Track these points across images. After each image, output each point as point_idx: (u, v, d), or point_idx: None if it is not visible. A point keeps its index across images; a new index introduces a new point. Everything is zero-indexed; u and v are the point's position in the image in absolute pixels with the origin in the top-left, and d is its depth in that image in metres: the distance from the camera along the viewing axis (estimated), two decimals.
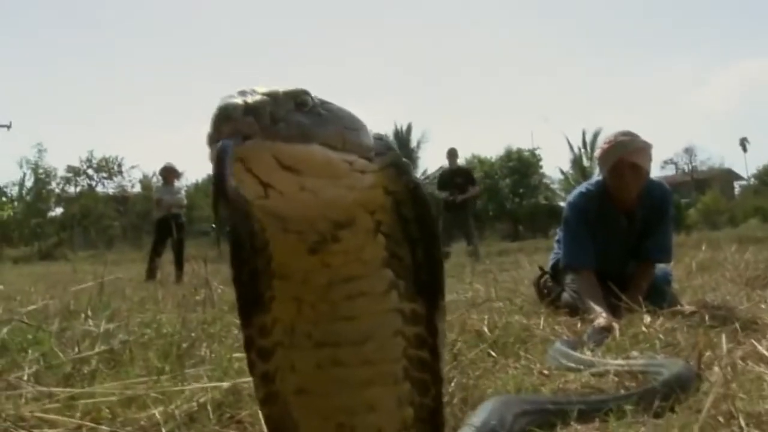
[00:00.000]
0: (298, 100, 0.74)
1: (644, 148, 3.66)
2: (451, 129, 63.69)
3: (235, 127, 0.69)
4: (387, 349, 0.86)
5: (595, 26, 68.62)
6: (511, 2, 69.23)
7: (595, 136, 37.57)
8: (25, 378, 2.19)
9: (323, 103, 0.78)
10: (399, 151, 0.87)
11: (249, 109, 0.69)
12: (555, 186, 39.59)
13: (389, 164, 0.83)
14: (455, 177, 12.13)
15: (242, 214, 0.84)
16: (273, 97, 0.72)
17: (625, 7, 69.24)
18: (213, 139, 0.70)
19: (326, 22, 72.07)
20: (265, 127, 0.69)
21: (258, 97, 0.71)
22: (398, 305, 0.86)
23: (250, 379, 1.97)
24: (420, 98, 64.96)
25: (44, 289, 6.75)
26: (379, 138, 0.84)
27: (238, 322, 2.61)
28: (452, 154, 12.74)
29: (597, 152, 3.96)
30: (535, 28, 68.92)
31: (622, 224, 3.82)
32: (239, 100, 0.70)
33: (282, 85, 0.75)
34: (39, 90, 59.95)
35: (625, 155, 3.62)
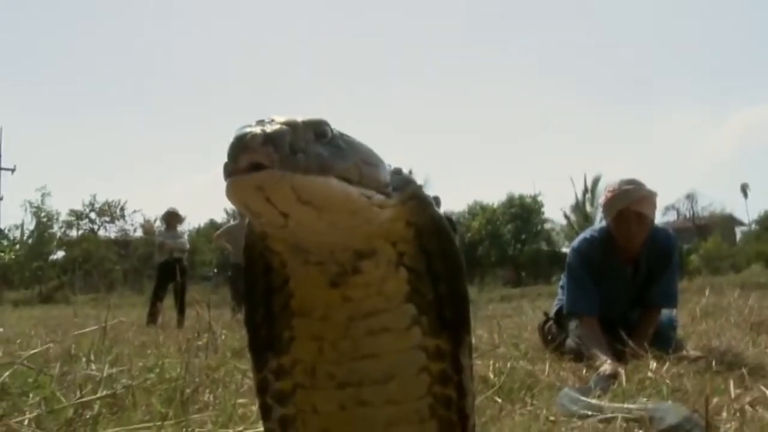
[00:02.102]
0: (318, 130, 0.73)
1: (649, 197, 3.67)
2: (453, 175, 63.89)
3: (253, 157, 0.67)
4: (412, 387, 0.83)
5: (598, 74, 69.27)
6: (515, 49, 69.89)
7: (596, 181, 37.82)
8: (26, 423, 2.17)
9: (342, 135, 0.76)
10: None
11: (268, 139, 0.68)
12: (557, 231, 39.58)
13: (409, 197, 0.81)
14: None
15: (261, 250, 0.83)
16: (292, 127, 0.70)
17: (627, 56, 69.97)
18: (230, 169, 0.68)
19: (328, 68, 72.70)
20: (284, 158, 0.67)
21: (277, 127, 0.69)
22: (422, 341, 0.84)
23: (255, 427, 1.97)
24: (421, 144, 65.40)
25: (45, 333, 6.71)
26: (398, 173, 0.83)
27: (242, 367, 2.60)
28: (434, 201, 13.07)
29: (601, 200, 3.97)
30: (539, 76, 69.59)
31: (627, 271, 3.82)
32: (258, 129, 0.68)
33: (301, 115, 0.73)
34: (44, 134, 60.46)
35: (629, 204, 3.62)
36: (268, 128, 0.69)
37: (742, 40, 67.65)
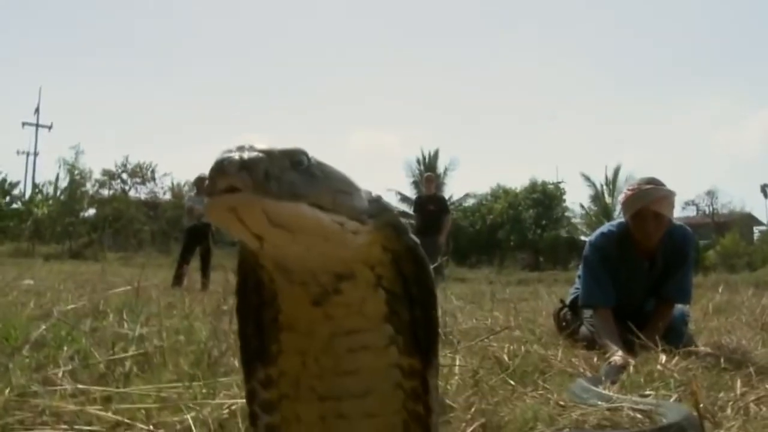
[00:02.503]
0: (294, 159, 0.76)
1: (667, 197, 3.72)
2: (479, 158, 63.64)
3: (229, 181, 0.71)
4: (387, 403, 0.88)
5: (623, 64, 68.41)
6: (541, 38, 69.14)
7: (616, 172, 37.71)
8: (60, 375, 2.28)
9: (320, 164, 0.80)
10: (394, 211, 0.88)
11: (243, 165, 0.72)
12: (577, 220, 39.52)
13: (385, 225, 0.85)
14: (429, 203, 12.46)
15: (252, 265, 0.87)
16: (269, 155, 0.74)
17: (654, 48, 69.03)
18: (209, 190, 0.73)
19: (359, 52, 72.35)
20: (257, 183, 0.71)
21: (254, 154, 0.73)
22: (398, 360, 0.88)
23: None
24: (448, 126, 65.14)
25: (74, 288, 6.87)
26: (376, 200, 0.85)
27: None
28: (429, 179, 13.42)
29: (620, 197, 4.02)
30: (565, 65, 68.86)
31: (643, 266, 3.88)
32: (236, 156, 0.73)
33: (280, 144, 0.77)
34: (81, 94, 60.87)
35: (648, 204, 3.68)
36: (246, 155, 0.73)
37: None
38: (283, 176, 0.74)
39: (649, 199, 3.67)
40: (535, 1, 73.44)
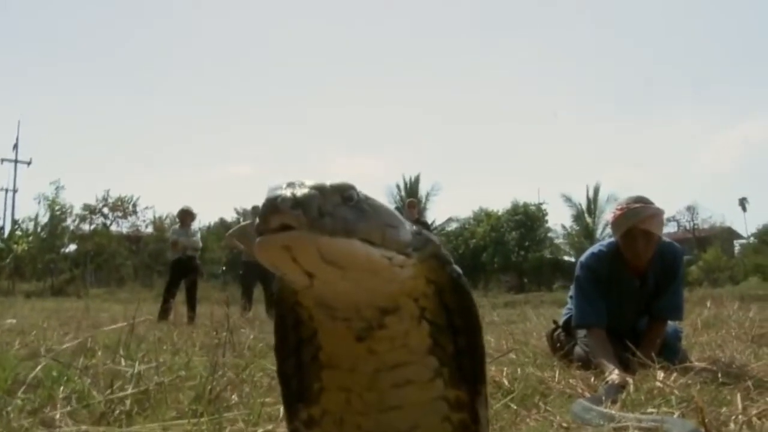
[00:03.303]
0: (345, 194, 0.77)
1: (656, 215, 3.75)
2: (460, 182, 63.89)
3: (283, 219, 0.71)
4: None
5: (600, 85, 69.20)
6: (520, 58, 69.74)
7: (596, 192, 37.97)
8: (58, 416, 2.25)
9: (367, 199, 0.80)
10: (438, 243, 0.88)
11: (297, 203, 0.72)
12: (560, 241, 39.71)
13: (429, 257, 0.84)
14: None
15: (291, 304, 0.87)
16: (321, 191, 0.74)
17: (631, 66, 69.90)
18: (261, 229, 0.73)
19: (337, 74, 72.69)
20: (311, 220, 0.71)
21: (306, 191, 0.73)
22: (443, 392, 0.87)
23: (283, 426, 2.06)
24: (429, 151, 65.45)
25: (58, 325, 6.80)
26: (418, 233, 0.85)
27: (268, 367, 2.69)
28: (411, 205, 13.40)
29: (609, 217, 4.05)
30: (543, 86, 69.50)
31: (634, 284, 3.91)
32: (288, 193, 0.73)
33: (329, 180, 0.77)
34: (60, 128, 60.70)
35: (637, 223, 3.71)
36: (298, 192, 0.73)
37: (743, 52, 67.34)
38: (335, 212, 0.74)
39: (639, 217, 3.70)
40: (513, 25, 74.21)
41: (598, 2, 70.46)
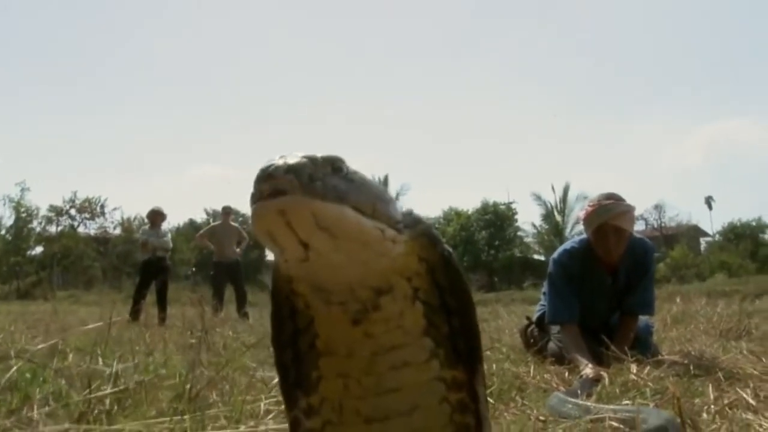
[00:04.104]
0: (335, 165, 0.78)
1: (627, 212, 3.81)
2: (429, 182, 64.07)
3: (276, 184, 0.72)
4: (434, 418, 0.86)
5: (567, 85, 69.78)
6: (489, 61, 70.07)
7: (566, 191, 38.27)
8: (36, 416, 2.23)
9: (356, 172, 0.81)
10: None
11: (290, 169, 0.73)
12: (529, 239, 40.00)
13: (420, 235, 0.85)
14: None
15: (287, 294, 0.87)
16: (312, 160, 0.76)
17: (595, 67, 70.68)
18: (254, 197, 0.74)
19: (304, 76, 72.47)
20: (304, 185, 0.72)
21: (298, 159, 0.75)
22: (440, 373, 0.86)
23: (264, 423, 2.07)
24: (398, 151, 65.57)
25: (25, 328, 6.71)
26: (409, 213, 0.86)
27: (247, 364, 2.69)
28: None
29: (581, 214, 4.09)
30: (511, 88, 69.93)
31: (607, 281, 3.97)
32: (280, 161, 0.74)
33: (319, 151, 0.78)
34: (25, 129, 59.71)
35: (608, 219, 3.77)
36: (290, 160, 0.75)
37: (709, 52, 68.44)
38: (326, 180, 0.75)
39: (610, 214, 3.76)
40: (483, 26, 74.60)
41: (564, 4, 70.93)
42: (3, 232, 33.14)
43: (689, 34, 70.55)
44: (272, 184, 0.73)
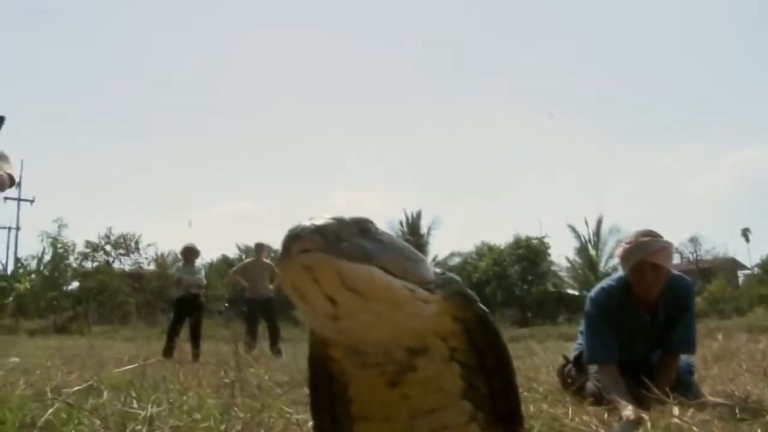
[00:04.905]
0: (362, 226, 0.80)
1: (665, 248, 3.74)
2: (461, 216, 63.86)
3: (303, 245, 0.74)
4: None
5: (597, 117, 69.51)
6: (518, 93, 70.06)
7: (599, 224, 37.95)
8: None
9: (385, 233, 0.82)
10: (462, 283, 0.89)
11: (316, 230, 0.75)
12: (563, 274, 39.66)
13: (453, 294, 0.85)
14: None
15: (322, 359, 0.88)
16: (338, 221, 0.77)
17: (630, 96, 70.32)
18: (283, 257, 0.76)
19: (336, 110, 73.10)
20: (330, 244, 0.74)
21: (324, 220, 0.77)
22: None
23: None
24: (430, 186, 65.54)
25: (61, 364, 6.77)
26: (442, 273, 0.87)
27: (282, 408, 2.66)
28: (407, 242, 13.23)
29: (618, 251, 4.04)
30: (541, 119, 69.76)
31: (645, 319, 3.89)
32: (308, 223, 0.76)
33: (348, 213, 0.80)
34: (62, 167, 60.89)
35: (646, 256, 3.70)
36: (317, 221, 0.77)
37: (741, 78, 67.71)
38: (352, 240, 0.77)
39: (647, 251, 3.70)
40: (510, 56, 74.75)
41: (594, 35, 70.91)
42: (41, 267, 33.68)
43: (720, 59, 69.59)
44: (299, 244, 0.75)
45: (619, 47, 69.96)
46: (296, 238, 0.75)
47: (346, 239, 0.76)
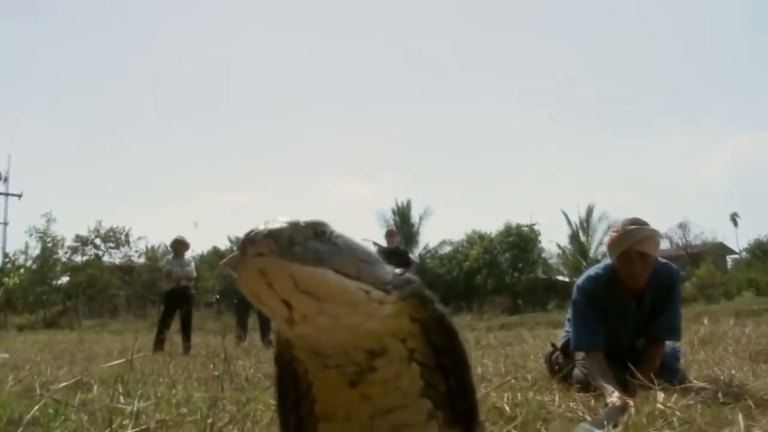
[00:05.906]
0: (317, 230, 0.80)
1: (652, 237, 3.76)
2: (452, 205, 63.94)
3: (257, 249, 0.75)
4: None
5: (588, 105, 69.56)
6: (510, 82, 69.94)
7: (589, 212, 38.13)
8: None
9: (341, 235, 0.83)
10: (420, 283, 0.89)
11: (269, 234, 0.76)
12: (553, 261, 39.83)
13: (410, 295, 0.86)
14: (390, 257, 12.49)
15: (288, 360, 0.90)
16: (292, 225, 0.78)
17: (619, 85, 70.39)
18: (239, 261, 0.77)
19: (327, 101, 72.91)
20: (282, 248, 0.75)
21: (278, 224, 0.78)
22: None
23: None
24: (420, 175, 65.48)
25: (51, 359, 6.77)
26: (400, 273, 0.87)
27: (269, 401, 2.66)
28: (390, 234, 13.31)
29: (605, 239, 4.05)
30: (532, 108, 69.80)
31: (631, 306, 3.91)
32: (262, 227, 0.77)
33: (304, 217, 0.81)
34: (50, 160, 60.62)
35: (633, 244, 3.71)
36: (271, 225, 0.78)
37: (731, 69, 67.91)
38: (306, 244, 0.78)
39: (634, 239, 3.71)
40: (502, 48, 74.68)
41: (586, 25, 70.91)
42: (30, 262, 33.57)
43: (710, 49, 70.16)
44: (253, 248, 0.75)
45: (612, 36, 70.06)
46: (251, 242, 0.76)
47: (299, 243, 0.77)
